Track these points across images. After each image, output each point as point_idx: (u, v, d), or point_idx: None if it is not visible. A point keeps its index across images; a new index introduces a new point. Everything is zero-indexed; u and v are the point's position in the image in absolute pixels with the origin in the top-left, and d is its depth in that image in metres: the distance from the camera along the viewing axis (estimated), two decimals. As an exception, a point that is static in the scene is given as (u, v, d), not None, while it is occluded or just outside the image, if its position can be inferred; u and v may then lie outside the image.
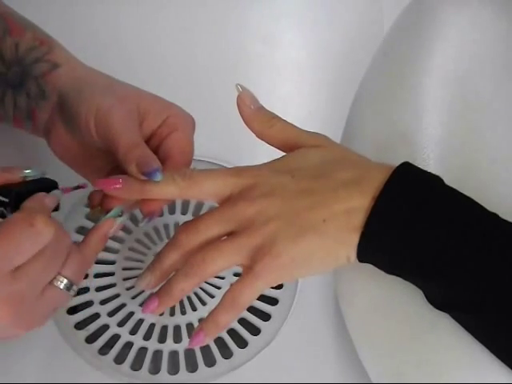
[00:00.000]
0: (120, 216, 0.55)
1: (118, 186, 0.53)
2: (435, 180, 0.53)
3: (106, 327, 0.71)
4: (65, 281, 0.50)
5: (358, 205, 0.52)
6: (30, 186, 0.52)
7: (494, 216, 0.52)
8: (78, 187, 0.56)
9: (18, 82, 0.61)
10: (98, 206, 0.56)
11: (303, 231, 0.52)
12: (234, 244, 0.53)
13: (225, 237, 0.54)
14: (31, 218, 0.47)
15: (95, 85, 0.58)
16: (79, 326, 0.71)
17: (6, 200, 0.51)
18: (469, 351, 0.54)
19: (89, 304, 0.72)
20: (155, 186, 0.53)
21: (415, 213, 0.51)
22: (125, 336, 0.71)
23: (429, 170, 0.58)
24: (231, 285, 0.54)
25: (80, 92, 0.57)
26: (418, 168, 0.54)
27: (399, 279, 0.54)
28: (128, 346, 0.71)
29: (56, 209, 0.53)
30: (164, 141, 0.57)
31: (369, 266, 0.55)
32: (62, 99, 0.59)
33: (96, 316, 0.72)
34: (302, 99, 0.80)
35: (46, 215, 0.49)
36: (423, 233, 0.51)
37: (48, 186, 0.53)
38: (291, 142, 0.56)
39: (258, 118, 0.57)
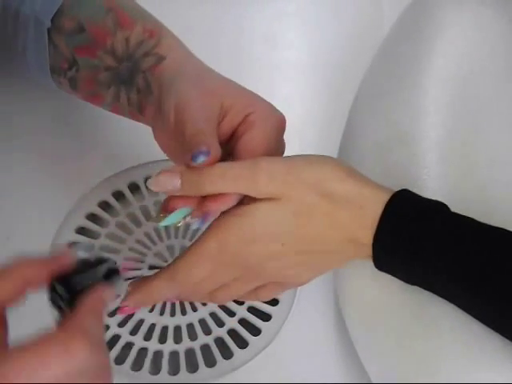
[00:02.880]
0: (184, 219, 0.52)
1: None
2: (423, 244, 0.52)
3: (106, 327, 0.71)
4: None
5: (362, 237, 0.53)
6: (86, 273, 0.45)
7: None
8: None
9: (128, 77, 0.60)
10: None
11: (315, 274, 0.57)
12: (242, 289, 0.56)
13: None
14: (68, 343, 0.41)
15: (186, 77, 0.56)
16: (79, 326, 0.71)
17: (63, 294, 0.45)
18: (468, 351, 0.54)
19: (89, 304, 0.72)
20: None
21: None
22: (125, 336, 0.71)
23: (428, 171, 0.58)
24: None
25: (171, 85, 0.56)
26: (401, 214, 0.52)
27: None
28: (128, 346, 0.71)
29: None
30: (238, 140, 0.54)
31: (369, 266, 0.55)
32: (159, 92, 0.58)
33: (96, 316, 0.71)
34: (302, 99, 0.80)
35: (88, 336, 0.42)
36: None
37: (108, 269, 0.47)
38: (244, 194, 0.52)
39: (189, 185, 0.52)
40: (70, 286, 0.45)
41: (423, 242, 0.51)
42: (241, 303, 0.73)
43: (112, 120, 0.77)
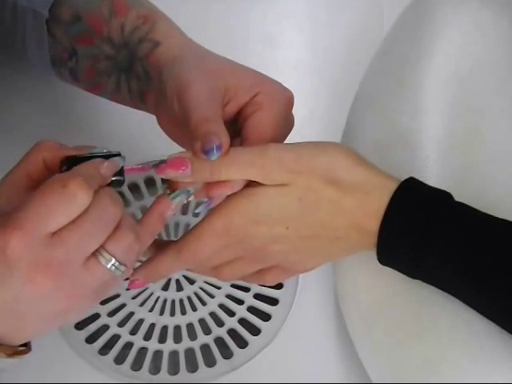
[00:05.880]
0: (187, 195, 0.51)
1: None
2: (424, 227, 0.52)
3: (106, 327, 0.71)
4: (111, 259, 0.45)
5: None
6: (91, 157, 0.49)
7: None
8: (158, 163, 0.51)
9: (127, 66, 0.60)
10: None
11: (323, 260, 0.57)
12: (248, 268, 0.56)
13: None
14: (65, 180, 0.44)
15: (186, 60, 0.56)
16: (79, 326, 0.71)
17: (65, 168, 0.48)
18: (468, 351, 0.54)
19: (89, 304, 0.72)
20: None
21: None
22: (125, 336, 0.71)
23: (428, 170, 0.58)
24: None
25: (171, 70, 0.55)
26: (408, 203, 0.52)
27: (398, 279, 0.54)
28: (128, 346, 0.71)
29: (121, 182, 0.49)
30: (246, 121, 0.54)
31: (369, 266, 0.55)
32: (158, 78, 0.57)
33: (96, 316, 0.72)
34: (302, 99, 0.80)
35: (84, 178, 0.45)
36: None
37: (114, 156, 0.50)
38: (252, 180, 0.52)
39: (200, 173, 0.52)
40: (68, 161, 0.48)
41: (429, 232, 0.51)
42: (241, 303, 0.73)
43: (110, 121, 0.78)
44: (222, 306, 0.72)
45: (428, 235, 0.51)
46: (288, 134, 0.56)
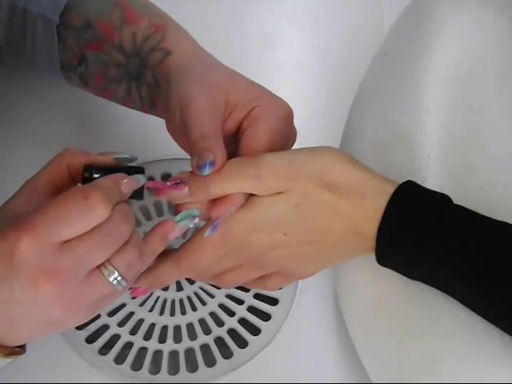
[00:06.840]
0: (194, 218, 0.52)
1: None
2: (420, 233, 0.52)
3: (106, 327, 0.71)
4: (114, 272, 0.46)
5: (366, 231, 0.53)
6: (116, 168, 0.50)
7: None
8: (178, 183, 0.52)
9: (137, 74, 0.60)
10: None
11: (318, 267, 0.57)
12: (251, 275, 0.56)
13: None
14: (86, 191, 0.45)
15: (192, 72, 0.56)
16: (79, 326, 0.71)
17: (87, 175, 0.49)
18: (468, 351, 0.54)
19: (89, 304, 0.72)
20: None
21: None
22: (125, 336, 0.71)
23: (428, 171, 0.58)
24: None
25: (176, 81, 0.56)
26: (406, 207, 0.52)
27: (398, 279, 0.54)
28: (128, 346, 0.71)
29: (139, 197, 0.50)
30: (242, 135, 0.54)
31: (369, 266, 0.55)
32: (167, 87, 0.57)
33: (96, 316, 0.71)
34: (302, 99, 0.80)
35: (105, 193, 0.45)
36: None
37: (136, 172, 0.50)
38: (248, 192, 0.53)
39: (196, 190, 0.52)
40: (92, 170, 0.49)
41: (428, 235, 0.51)
42: (240, 303, 0.73)
43: (111, 121, 0.78)
44: (221, 306, 0.72)
45: (426, 238, 0.51)
46: (289, 147, 0.56)
